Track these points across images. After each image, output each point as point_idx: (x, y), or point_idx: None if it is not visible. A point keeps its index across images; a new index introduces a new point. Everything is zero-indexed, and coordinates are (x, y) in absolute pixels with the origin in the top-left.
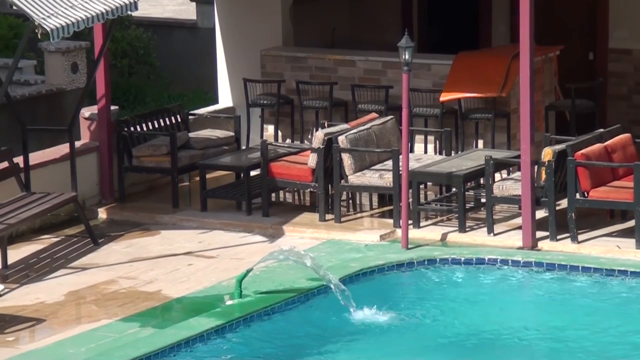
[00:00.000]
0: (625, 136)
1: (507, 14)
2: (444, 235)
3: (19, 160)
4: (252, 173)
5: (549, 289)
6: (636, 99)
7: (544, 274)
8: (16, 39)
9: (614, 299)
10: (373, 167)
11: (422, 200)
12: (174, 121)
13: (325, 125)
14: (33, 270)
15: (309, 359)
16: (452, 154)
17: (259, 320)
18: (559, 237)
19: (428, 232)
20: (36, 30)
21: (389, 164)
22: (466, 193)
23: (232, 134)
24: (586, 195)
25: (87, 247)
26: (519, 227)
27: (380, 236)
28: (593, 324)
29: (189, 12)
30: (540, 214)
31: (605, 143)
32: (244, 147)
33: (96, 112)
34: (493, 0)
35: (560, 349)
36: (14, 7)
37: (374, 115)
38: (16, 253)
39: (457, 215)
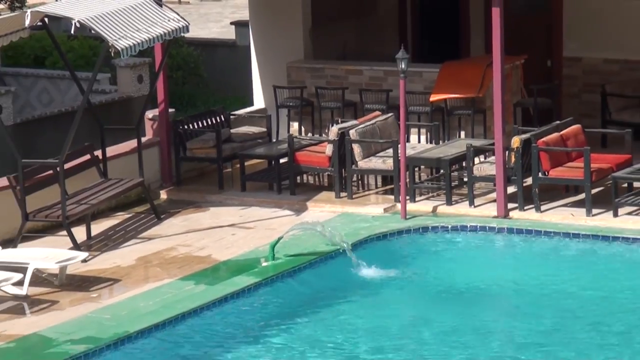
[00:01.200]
0: (576, 127)
1: (482, 31)
2: (435, 208)
3: (98, 153)
4: (281, 160)
5: (518, 248)
6: (585, 96)
7: (514, 237)
8: (94, 57)
9: (570, 255)
10: (377, 154)
11: (417, 180)
12: (218, 120)
13: (339, 121)
14: (111, 240)
15: (329, 308)
16: (440, 143)
17: (288, 278)
18: (525, 207)
19: (422, 205)
20: (110, 50)
21: (390, 151)
22: (452, 174)
23: (264, 129)
24: (547, 174)
25: (152, 221)
26: (494, 200)
27: (384, 209)
28: (553, 275)
29: (230, 33)
30: (511, 189)
31: (561, 132)
32: (274, 140)
33: (157, 114)
34: (471, 19)
35: (530, 292)
36: (93, 31)
37: (377, 113)
38: (97, 227)
39: (444, 191)
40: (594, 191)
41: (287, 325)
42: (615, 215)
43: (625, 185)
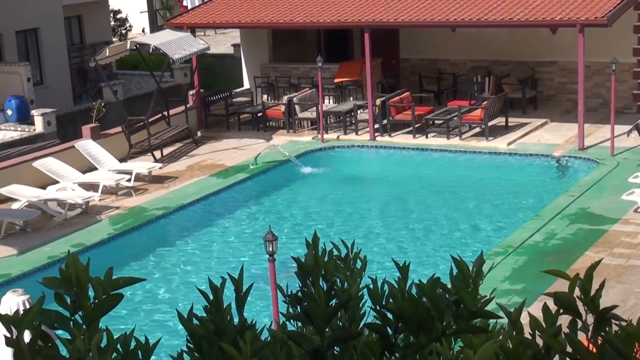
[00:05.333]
0: (407, 93)
1: (360, 46)
2: (338, 136)
3: (165, 112)
4: (259, 114)
5: (382, 157)
6: (411, 78)
7: (379, 151)
8: (161, 64)
9: (404, 158)
10: (308, 110)
11: (328, 122)
12: (225, 95)
13: (287, 94)
14: (172, 158)
15: (285, 188)
16: (340, 104)
17: (265, 173)
18: (383, 135)
19: (332, 135)
20: (170, 59)
21: (315, 108)
22: (347, 118)
23: (249, 99)
24: (394, 118)
25: (193, 147)
26: (368, 131)
27: (312, 138)
28: (397, 169)
29: (231, 50)
30: (376, 126)
31: (400, 96)
32: (255, 104)
33: (194, 92)
34: (354, 40)
35: (386, 178)
36: (161, 50)
37: (307, 89)
38: (166, 151)
39: (342, 127)
40: (416, 126)
41: (265, 197)
42: (427, 137)
43: (432, 122)
